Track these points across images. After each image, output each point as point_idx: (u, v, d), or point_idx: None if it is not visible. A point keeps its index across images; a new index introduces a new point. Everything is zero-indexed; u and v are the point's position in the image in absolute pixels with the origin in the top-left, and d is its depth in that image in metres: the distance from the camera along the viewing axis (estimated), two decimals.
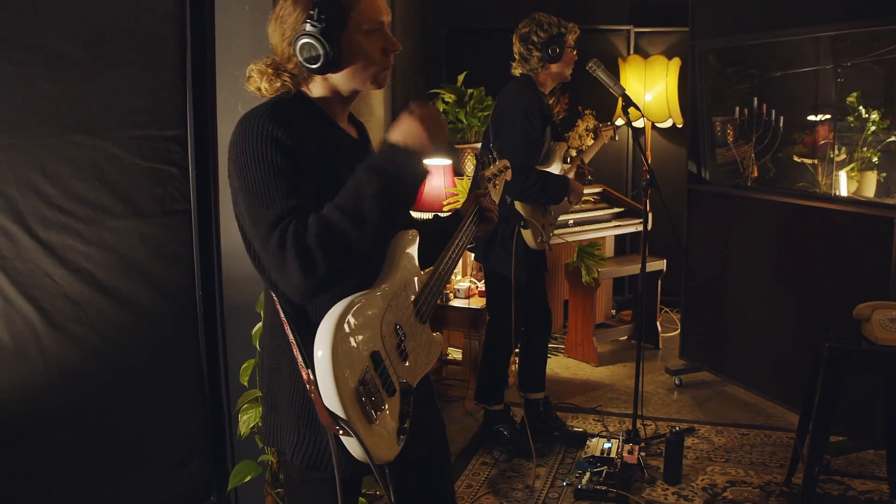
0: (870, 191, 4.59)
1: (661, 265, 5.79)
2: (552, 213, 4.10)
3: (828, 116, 4.83)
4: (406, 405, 1.85)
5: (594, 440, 4.06)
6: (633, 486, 3.76)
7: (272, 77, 1.83)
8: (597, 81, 3.97)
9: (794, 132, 4.94)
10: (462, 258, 5.34)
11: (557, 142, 4.16)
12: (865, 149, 4.56)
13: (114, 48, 3.04)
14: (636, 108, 4.01)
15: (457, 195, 4.99)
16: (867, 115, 4.49)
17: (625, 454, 3.88)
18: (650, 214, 4.22)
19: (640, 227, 5.47)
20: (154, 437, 3.29)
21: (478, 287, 4.89)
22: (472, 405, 4.77)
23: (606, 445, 3.96)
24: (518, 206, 3.91)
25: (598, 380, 5.33)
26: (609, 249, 6.06)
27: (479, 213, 2.28)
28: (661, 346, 5.92)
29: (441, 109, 5.57)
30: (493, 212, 2.32)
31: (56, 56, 2.91)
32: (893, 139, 4.40)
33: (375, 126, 5.68)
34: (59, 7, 2.91)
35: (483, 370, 4.27)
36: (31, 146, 2.87)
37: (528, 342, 4.23)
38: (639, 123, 6.41)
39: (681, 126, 6.36)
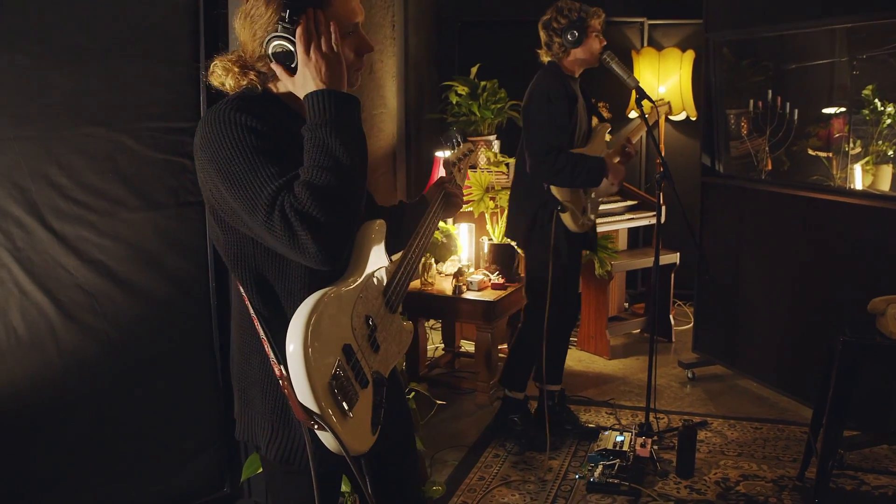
0: (885, 184, 4.57)
1: (675, 258, 5.77)
2: (593, 195, 4.08)
3: (843, 109, 4.80)
4: (379, 396, 1.87)
5: (606, 433, 4.05)
6: (646, 480, 3.75)
7: (238, 75, 1.79)
8: (610, 74, 3.95)
9: (809, 125, 4.92)
10: (476, 254, 5.35)
11: (601, 123, 4.14)
12: (881, 142, 4.53)
13: (128, 41, 3.05)
14: (650, 101, 3.99)
15: (470, 187, 4.99)
16: (882, 108, 4.46)
17: (637, 447, 3.87)
18: (663, 207, 4.20)
19: (654, 220, 5.45)
20: (168, 428, 3.31)
21: (490, 280, 4.89)
22: (485, 398, 4.77)
23: (619, 438, 3.96)
24: (554, 191, 3.89)
25: (611, 373, 5.32)
26: (622, 242, 6.04)
27: (446, 199, 2.29)
28: (674, 340, 5.90)
29: (454, 102, 5.57)
30: (459, 196, 2.34)
31: (70, 49, 2.92)
32: None
33: (388, 118, 5.68)
34: (74, 1, 2.92)
35: (514, 356, 4.26)
36: (46, 138, 2.89)
37: (556, 332, 4.21)
38: (653, 120, 6.38)
39: (695, 119, 6.33)
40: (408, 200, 2.55)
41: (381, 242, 1.99)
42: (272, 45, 1.72)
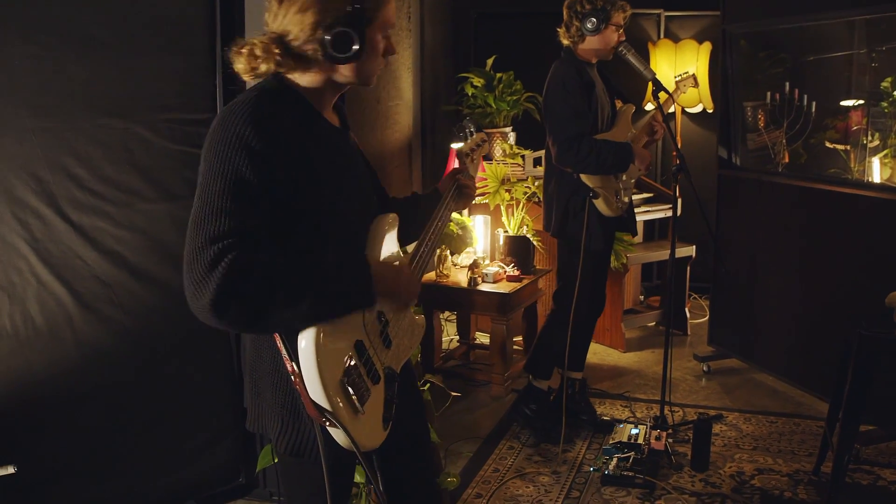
0: None
1: (691, 251, 5.75)
2: (624, 177, 4.06)
3: (861, 102, 4.77)
4: (391, 391, 1.87)
5: (621, 426, 4.05)
6: (660, 473, 3.75)
7: (276, 56, 1.79)
8: (627, 65, 3.93)
9: (827, 117, 4.88)
10: (491, 246, 5.35)
11: (625, 104, 4.12)
12: None
13: (144, 32, 3.06)
14: (666, 93, 3.97)
15: (485, 179, 4.99)
16: None
17: (652, 440, 3.87)
18: (679, 200, 4.19)
19: (670, 213, 5.43)
20: (183, 419, 3.32)
21: (506, 272, 4.89)
22: (499, 390, 4.77)
23: (634, 431, 3.95)
24: (584, 178, 3.88)
25: (626, 366, 5.32)
26: (638, 235, 6.02)
27: (458, 190, 2.29)
28: (690, 333, 5.89)
29: (470, 93, 5.56)
30: (471, 187, 2.34)
31: (87, 40, 2.93)
32: None
33: (404, 109, 5.68)
34: None
35: (543, 342, 4.25)
36: (63, 129, 2.90)
37: (585, 319, 4.19)
38: (669, 108, 6.35)
39: (711, 111, 6.30)
40: (422, 192, 2.55)
41: (393, 235, 2.00)
42: (336, 31, 1.76)
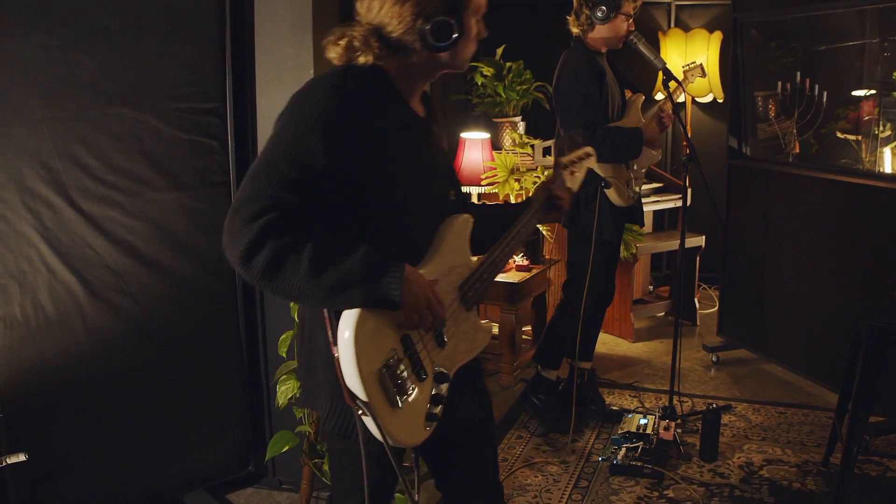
0: None
1: (700, 241, 5.74)
2: (635, 167, 4.05)
3: (873, 92, 4.74)
4: (439, 391, 1.84)
5: (630, 416, 4.05)
6: (669, 463, 3.75)
7: (372, 46, 1.79)
8: (636, 54, 3.92)
9: (838, 108, 4.85)
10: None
11: (635, 94, 4.12)
12: None
13: (154, 22, 3.06)
14: (677, 82, 3.95)
15: (494, 169, 4.98)
16: None
17: (661, 430, 3.87)
18: (689, 190, 4.17)
19: (680, 203, 5.41)
20: (193, 407, 3.34)
21: (515, 262, 4.88)
22: (508, 379, 4.77)
23: (642, 421, 3.95)
24: (596, 167, 3.85)
25: (635, 356, 5.32)
26: (647, 225, 6.01)
27: (548, 202, 2.23)
28: (699, 323, 5.88)
29: (479, 83, 5.54)
30: (564, 199, 2.26)
31: (97, 30, 2.94)
32: None
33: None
34: None
35: (552, 332, 4.24)
36: (74, 119, 2.91)
37: (594, 309, 4.18)
38: (679, 98, 6.33)
39: (722, 101, 6.28)
40: None
41: (465, 237, 1.97)
42: (436, 20, 1.77)
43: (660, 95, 6.24)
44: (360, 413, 1.67)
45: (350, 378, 1.66)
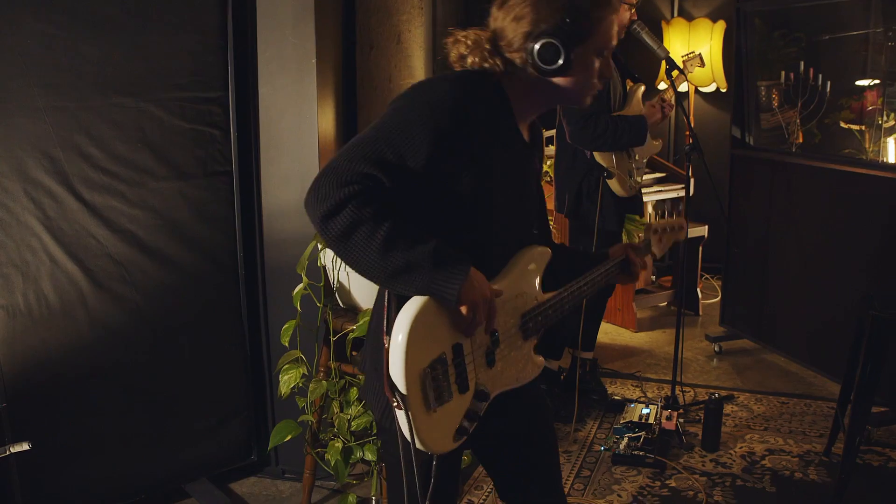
0: None
1: (703, 231, 5.73)
2: (637, 157, 4.05)
3: (877, 81, 4.72)
4: (476, 408, 1.81)
5: (632, 405, 4.05)
6: (671, 453, 3.75)
7: (486, 55, 1.81)
8: (640, 44, 3.91)
9: (842, 97, 4.84)
10: None
11: (636, 83, 4.11)
12: None
13: (156, 10, 3.06)
14: (680, 71, 3.94)
15: None
16: None
17: (663, 420, 3.87)
18: (692, 180, 4.16)
19: (682, 193, 5.41)
20: (196, 397, 3.35)
21: None
22: None
23: (645, 411, 3.95)
24: (598, 157, 3.87)
25: (638, 345, 5.32)
26: (644, 216, 5.99)
27: (625, 264, 2.23)
28: (702, 313, 5.88)
29: None
30: (639, 267, 2.26)
31: (99, 19, 2.93)
32: None
33: None
34: None
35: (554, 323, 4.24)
36: (76, 108, 2.91)
37: (596, 299, 4.18)
38: (682, 87, 6.32)
39: (725, 90, 6.26)
40: None
41: (540, 269, 1.97)
42: (542, 41, 1.76)
43: (663, 85, 6.23)
44: (395, 405, 1.66)
45: (395, 369, 1.65)
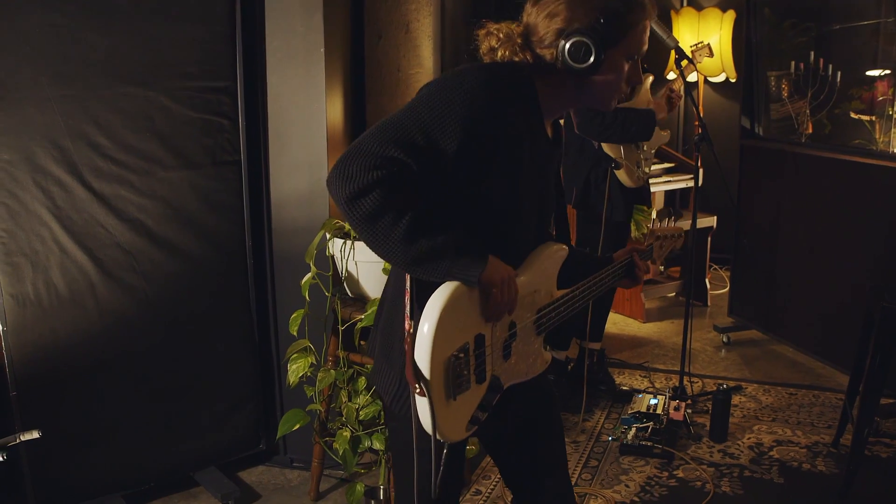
0: None
1: (712, 222, 5.71)
2: (645, 147, 4.04)
3: (887, 72, 4.70)
4: (489, 400, 1.82)
5: (640, 396, 4.05)
6: (679, 443, 3.75)
7: (518, 48, 1.82)
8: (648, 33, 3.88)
9: (852, 87, 4.82)
10: None
11: (644, 74, 4.09)
12: None
13: (164, 0, 3.05)
14: (689, 61, 3.93)
15: None
16: None
17: (671, 411, 3.87)
18: (701, 170, 4.15)
19: (691, 183, 5.39)
20: (205, 386, 3.35)
21: None
22: None
23: (653, 401, 3.95)
24: (606, 148, 3.86)
25: (646, 336, 5.31)
26: (659, 205, 5.99)
27: (629, 267, 2.25)
28: (710, 304, 5.87)
29: None
30: (643, 271, 2.28)
31: (108, 8, 2.93)
32: None
33: (425, 77, 5.63)
34: None
35: None
36: (84, 97, 2.91)
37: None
38: (691, 77, 6.29)
39: (734, 80, 6.24)
40: None
41: (556, 266, 1.98)
42: (575, 38, 1.76)
43: (672, 75, 6.20)
44: (418, 392, 1.66)
45: (421, 355, 1.65)
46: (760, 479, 3.46)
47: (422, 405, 1.67)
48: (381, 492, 3.17)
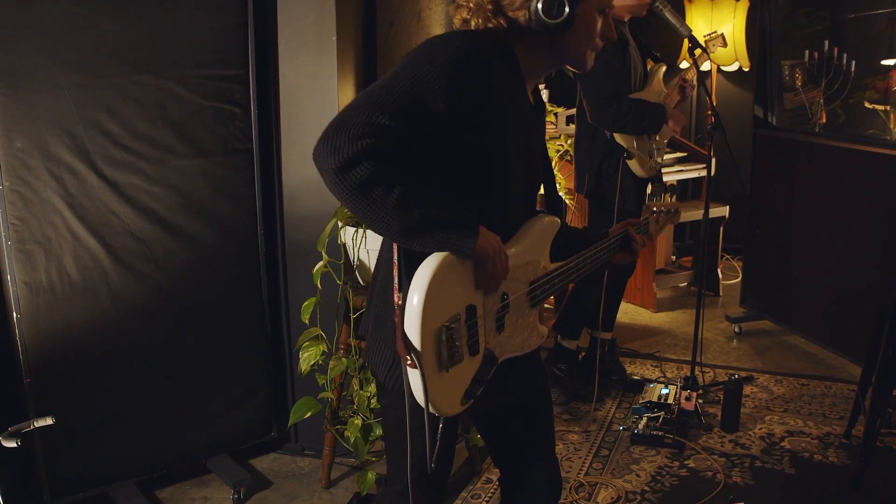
0: None
1: (724, 211, 5.70)
2: (657, 137, 4.02)
3: None
4: (484, 373, 1.81)
5: (652, 385, 4.04)
6: (690, 433, 3.75)
7: (490, 14, 1.80)
8: (662, 22, 3.87)
9: (866, 77, 4.78)
10: None
11: (657, 63, 4.08)
12: None
13: None
14: (703, 50, 3.91)
15: None
16: None
17: (682, 400, 3.86)
18: (714, 159, 4.13)
19: (704, 173, 5.38)
20: (217, 373, 3.36)
21: None
22: None
23: (664, 391, 3.95)
24: (618, 138, 3.84)
25: (657, 325, 5.31)
26: (671, 194, 5.98)
27: (625, 240, 2.24)
28: (722, 294, 5.86)
29: None
30: (639, 244, 2.26)
31: None
32: None
33: None
34: None
35: (574, 303, 4.23)
36: (97, 85, 2.91)
37: (615, 279, 4.18)
38: (705, 66, 6.27)
39: (748, 69, 6.21)
40: None
41: (549, 237, 1.98)
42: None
43: (685, 64, 6.17)
44: (409, 364, 1.65)
45: (411, 326, 1.64)
46: (772, 470, 3.45)
47: (414, 377, 1.67)
48: None
